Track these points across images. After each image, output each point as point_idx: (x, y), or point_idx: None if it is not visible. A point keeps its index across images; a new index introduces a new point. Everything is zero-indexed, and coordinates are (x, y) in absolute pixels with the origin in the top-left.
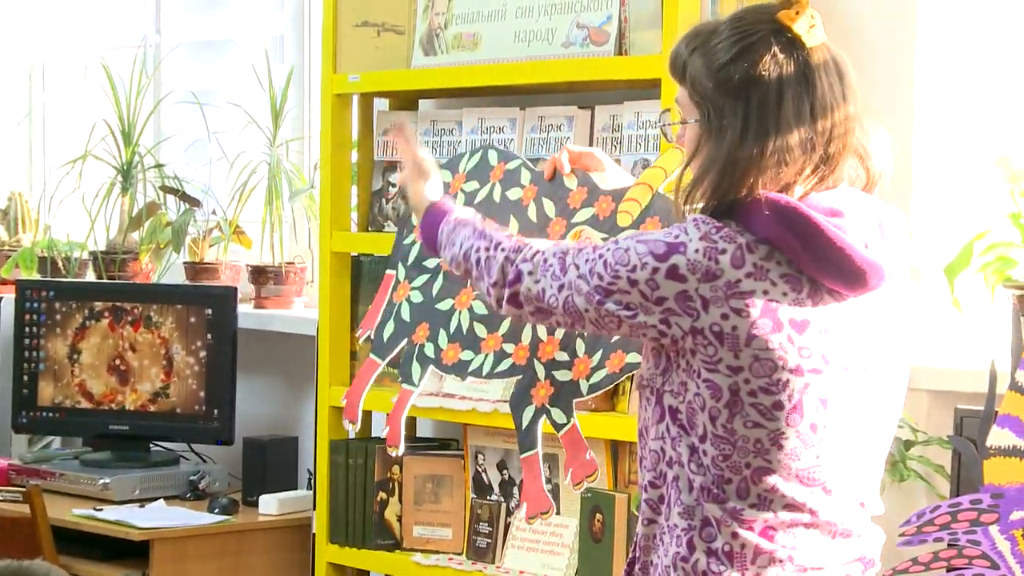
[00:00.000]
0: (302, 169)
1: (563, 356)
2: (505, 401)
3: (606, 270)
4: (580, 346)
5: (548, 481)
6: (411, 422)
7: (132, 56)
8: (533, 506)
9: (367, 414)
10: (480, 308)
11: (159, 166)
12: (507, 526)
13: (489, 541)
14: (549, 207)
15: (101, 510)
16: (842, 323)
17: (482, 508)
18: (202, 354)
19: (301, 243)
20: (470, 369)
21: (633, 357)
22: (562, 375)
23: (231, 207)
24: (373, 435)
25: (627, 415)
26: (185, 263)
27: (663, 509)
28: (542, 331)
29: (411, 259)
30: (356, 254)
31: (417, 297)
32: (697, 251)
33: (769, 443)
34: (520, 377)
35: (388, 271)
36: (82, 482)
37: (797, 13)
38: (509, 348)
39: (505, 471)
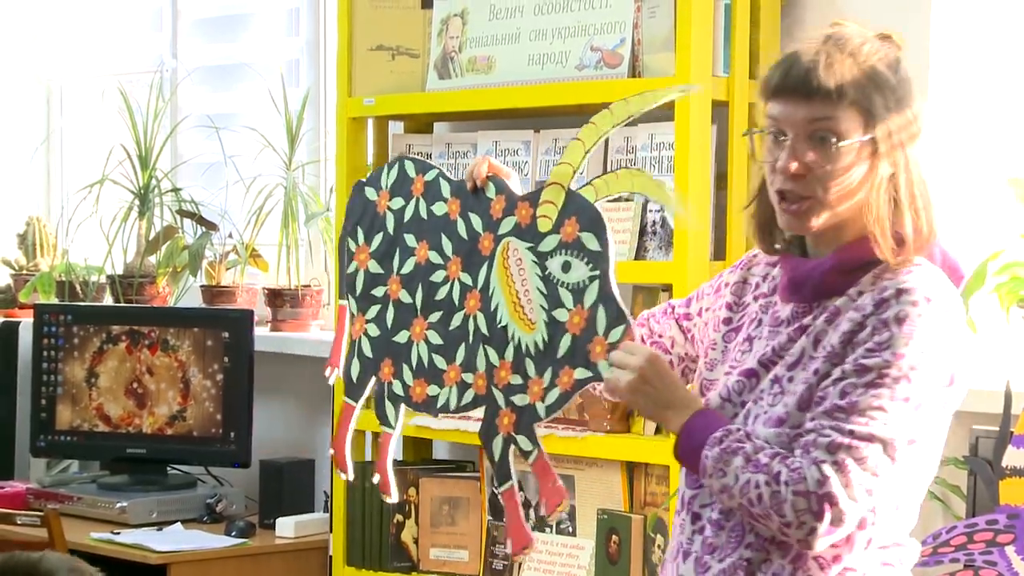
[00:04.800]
0: (318, 192)
1: (517, 379)
2: None
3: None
4: (530, 366)
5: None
6: (427, 444)
7: (149, 81)
8: (517, 541)
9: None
10: (436, 338)
11: (176, 190)
12: None
13: (506, 563)
14: (476, 222)
15: (119, 533)
16: None
17: (499, 530)
18: (219, 377)
19: (317, 266)
20: (439, 405)
21: (581, 372)
22: (520, 399)
23: (247, 230)
24: None
25: (643, 436)
26: (202, 286)
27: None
28: (494, 356)
29: (359, 289)
30: None
31: (374, 330)
32: (959, 316)
33: None
34: (485, 408)
35: (341, 302)
36: (100, 506)
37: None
38: (468, 378)
39: (521, 493)
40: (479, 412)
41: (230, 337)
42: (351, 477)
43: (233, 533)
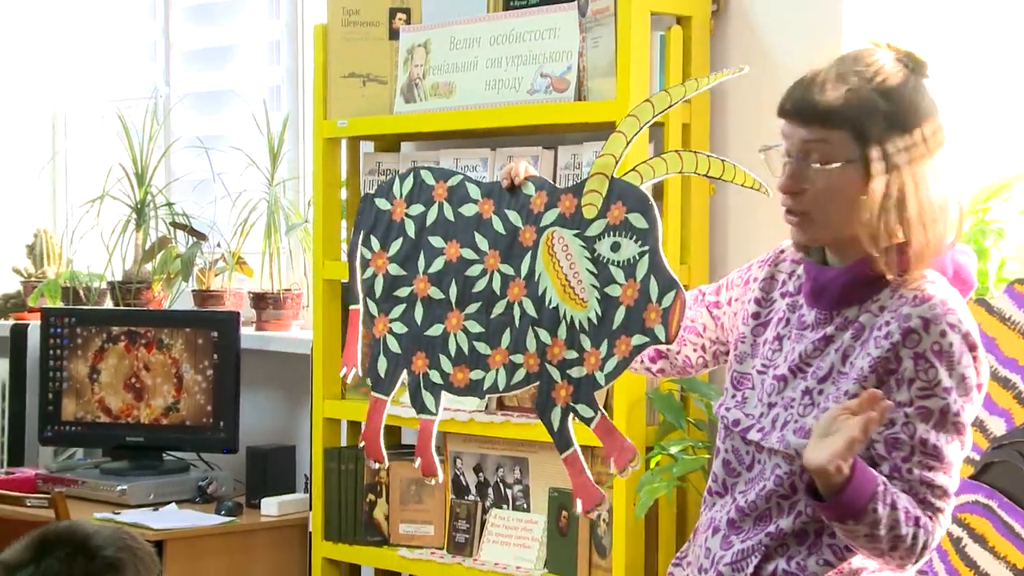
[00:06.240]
0: (297, 205)
1: (572, 354)
2: (480, 411)
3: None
4: (585, 341)
5: (519, 482)
6: (396, 431)
7: (144, 106)
8: (587, 500)
9: (355, 424)
10: (474, 327)
11: (169, 204)
12: (483, 523)
13: (467, 536)
14: (514, 217)
15: (119, 513)
16: None
17: (460, 507)
18: (209, 372)
19: (297, 272)
20: (485, 387)
21: (638, 339)
22: (576, 372)
23: (234, 240)
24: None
25: None
26: (193, 291)
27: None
28: (545, 335)
29: (378, 292)
30: (346, 281)
31: (400, 328)
32: (971, 323)
33: None
34: (537, 383)
35: (353, 307)
36: (102, 489)
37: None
38: (518, 359)
39: (481, 473)
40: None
41: (219, 336)
42: (387, 465)
43: (222, 512)
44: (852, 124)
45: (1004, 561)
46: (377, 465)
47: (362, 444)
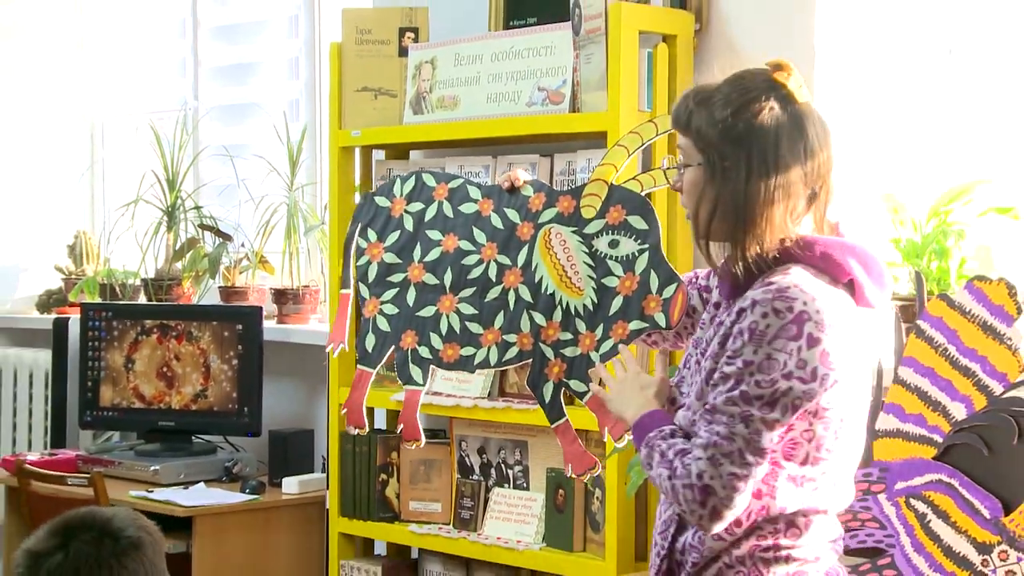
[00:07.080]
0: (315, 209)
1: (567, 335)
2: (483, 398)
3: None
4: (580, 325)
5: (519, 463)
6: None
7: (175, 117)
8: (578, 465)
9: (369, 410)
10: (467, 309)
11: (198, 208)
12: (486, 501)
13: (472, 513)
14: (512, 214)
15: (152, 491)
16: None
17: (466, 486)
18: (234, 362)
19: (315, 269)
20: (476, 362)
21: (636, 324)
22: (570, 351)
23: (257, 240)
24: (376, 427)
25: (583, 408)
26: (220, 287)
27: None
28: (540, 318)
29: (371, 278)
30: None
31: (391, 309)
32: (818, 311)
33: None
34: (531, 360)
35: (344, 291)
36: (137, 469)
37: (788, 75)
38: (511, 338)
39: (484, 455)
40: (448, 389)
41: (243, 329)
42: (366, 431)
43: (247, 490)
44: (695, 133)
45: (965, 535)
46: (356, 431)
47: (344, 411)
